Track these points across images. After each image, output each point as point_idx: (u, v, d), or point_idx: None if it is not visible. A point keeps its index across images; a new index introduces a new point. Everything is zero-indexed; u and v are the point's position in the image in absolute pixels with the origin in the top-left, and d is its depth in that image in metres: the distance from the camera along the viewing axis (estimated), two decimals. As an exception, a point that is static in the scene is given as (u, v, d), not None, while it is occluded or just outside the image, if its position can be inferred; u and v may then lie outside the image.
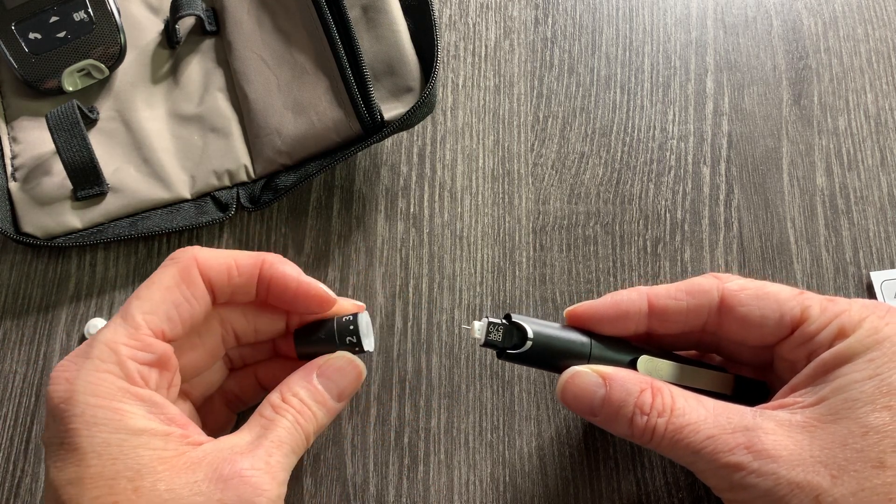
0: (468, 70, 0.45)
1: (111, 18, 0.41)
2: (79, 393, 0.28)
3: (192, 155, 0.41)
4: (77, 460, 0.27)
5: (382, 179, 0.42)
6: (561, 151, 0.43)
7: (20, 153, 0.41)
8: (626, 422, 0.29)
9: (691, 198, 0.42)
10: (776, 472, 0.27)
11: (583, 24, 0.46)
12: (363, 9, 0.40)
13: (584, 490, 0.36)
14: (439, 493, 0.36)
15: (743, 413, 0.28)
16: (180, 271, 0.31)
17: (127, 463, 0.27)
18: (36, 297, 0.40)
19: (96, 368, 0.28)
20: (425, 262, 0.41)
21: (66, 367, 0.29)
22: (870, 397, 0.27)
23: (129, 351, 0.29)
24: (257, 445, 0.29)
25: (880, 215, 0.41)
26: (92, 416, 0.27)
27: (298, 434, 0.30)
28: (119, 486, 0.26)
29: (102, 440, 0.27)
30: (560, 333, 0.31)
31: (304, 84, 0.40)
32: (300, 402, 0.30)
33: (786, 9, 0.46)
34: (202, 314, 0.31)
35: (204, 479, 0.27)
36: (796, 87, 0.44)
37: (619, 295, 0.32)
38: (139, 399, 0.28)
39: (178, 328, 0.30)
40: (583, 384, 0.30)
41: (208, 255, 0.31)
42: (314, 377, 0.31)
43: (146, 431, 0.28)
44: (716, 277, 0.32)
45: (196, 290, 0.31)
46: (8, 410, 0.38)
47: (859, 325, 0.29)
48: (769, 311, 0.30)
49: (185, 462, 0.27)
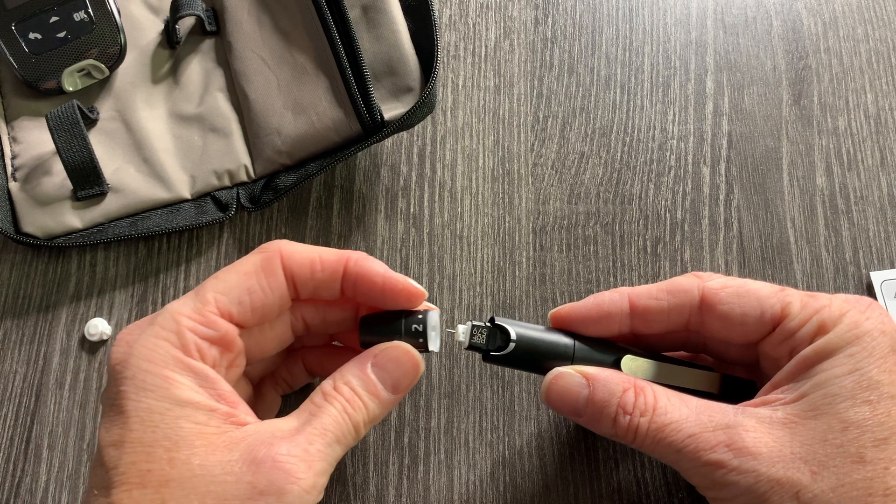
0: (468, 70, 0.45)
1: (111, 18, 0.41)
2: (134, 356, 0.28)
3: (192, 155, 0.41)
4: (122, 423, 0.27)
5: (382, 179, 0.42)
6: (561, 151, 0.43)
7: (20, 153, 0.41)
8: (609, 422, 0.30)
9: (691, 198, 0.42)
10: (756, 469, 0.27)
11: (583, 24, 0.46)
12: (363, 9, 0.40)
13: (584, 490, 0.36)
14: (439, 493, 0.36)
15: (724, 411, 0.28)
16: (262, 260, 0.30)
17: (166, 432, 0.27)
18: (36, 297, 0.40)
19: (155, 335, 0.28)
20: (425, 262, 0.41)
21: (130, 331, 0.29)
22: (850, 392, 0.27)
23: (191, 323, 0.29)
24: (299, 432, 0.28)
25: (880, 215, 0.41)
26: (142, 381, 0.27)
27: (346, 424, 0.29)
28: (156, 454, 0.26)
29: (147, 406, 0.27)
30: (543, 335, 0.32)
31: (304, 84, 0.40)
32: (351, 391, 0.29)
33: (786, 9, 0.46)
34: (276, 305, 0.31)
35: (238, 459, 0.27)
36: (796, 87, 0.44)
37: (601, 296, 0.32)
38: (191, 371, 0.28)
39: (247, 313, 0.30)
40: (566, 385, 0.30)
41: (293, 248, 0.31)
42: (368, 366, 0.30)
43: (191, 403, 0.27)
44: (696, 276, 0.32)
45: (274, 280, 0.30)
46: (8, 410, 0.38)
47: (839, 320, 0.29)
48: (749, 308, 0.30)
49: (225, 440, 0.27)
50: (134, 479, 0.26)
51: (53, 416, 0.38)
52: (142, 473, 0.26)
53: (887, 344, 0.28)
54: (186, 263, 0.41)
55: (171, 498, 0.26)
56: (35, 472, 0.37)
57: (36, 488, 0.36)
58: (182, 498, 0.26)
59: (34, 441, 0.37)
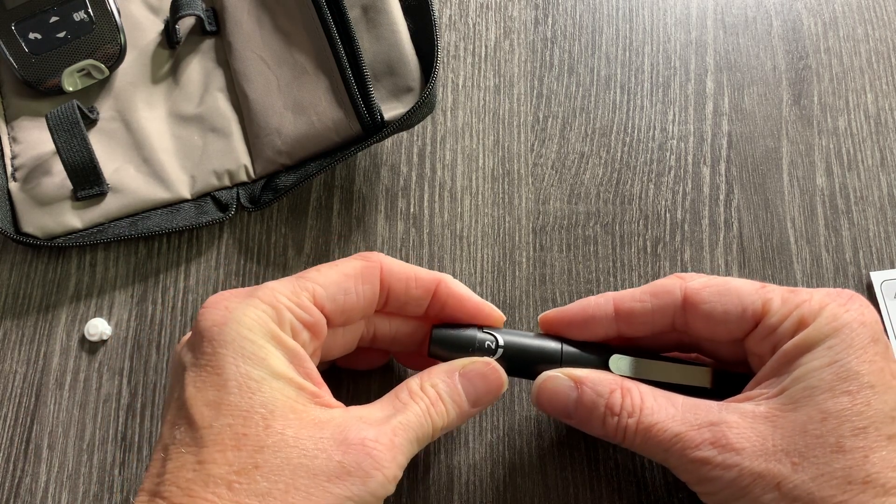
0: (468, 70, 0.45)
1: (111, 18, 0.41)
2: (233, 321, 0.28)
3: (192, 155, 0.41)
4: (218, 385, 0.27)
5: (382, 179, 0.42)
6: (561, 151, 0.43)
7: (20, 153, 0.41)
8: (598, 423, 0.30)
9: (691, 198, 0.42)
10: (739, 463, 0.27)
11: (583, 24, 0.46)
12: (363, 9, 0.40)
13: (584, 490, 0.36)
14: (439, 493, 0.36)
15: (710, 408, 0.29)
16: (364, 267, 0.31)
17: (263, 400, 0.27)
18: (36, 297, 0.40)
19: (255, 306, 0.29)
20: (425, 262, 0.41)
21: (227, 297, 0.30)
22: (829, 384, 0.28)
23: (289, 303, 0.29)
24: (384, 422, 0.29)
25: (880, 215, 0.41)
26: (241, 347, 0.28)
27: (427, 424, 0.29)
28: (252, 419, 0.27)
29: (245, 372, 0.27)
30: (531, 340, 0.32)
31: (304, 84, 0.40)
32: (437, 394, 0.30)
33: (786, 9, 0.46)
34: (362, 312, 0.32)
35: (330, 437, 0.27)
36: (796, 88, 0.44)
37: (587, 300, 0.33)
38: (284, 346, 0.29)
39: (337, 312, 0.31)
40: (555, 388, 0.31)
41: (392, 263, 0.32)
42: (457, 376, 0.31)
43: (284, 377, 0.28)
44: (679, 277, 0.32)
45: (369, 288, 0.31)
46: (8, 410, 0.38)
47: (819, 313, 0.29)
48: (731, 306, 0.31)
49: (313, 419, 0.28)
50: (229, 440, 0.26)
51: (53, 416, 0.38)
52: (237, 436, 0.26)
53: (867, 335, 0.28)
54: (186, 263, 0.41)
55: (264, 464, 0.26)
56: (35, 472, 0.37)
57: (36, 488, 0.36)
58: (275, 466, 0.26)
59: (34, 441, 0.37)
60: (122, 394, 0.38)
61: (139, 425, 0.37)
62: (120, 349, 0.39)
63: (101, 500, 0.36)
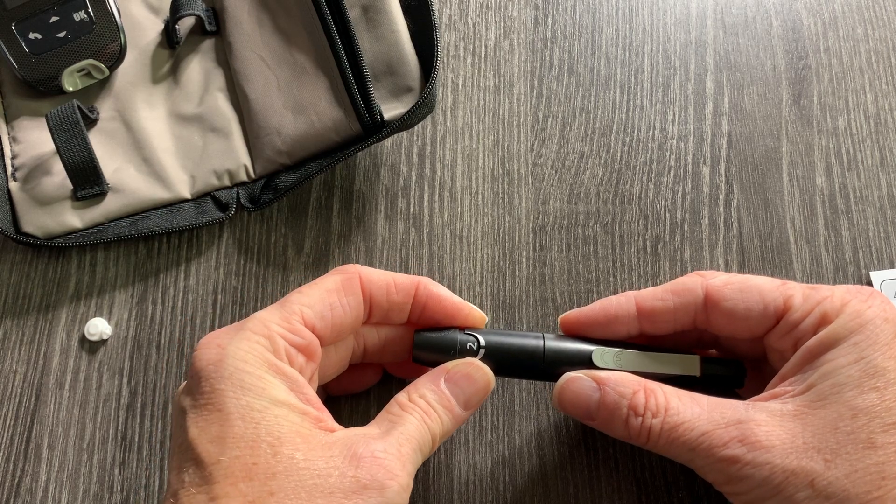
0: (468, 70, 0.45)
1: (111, 18, 0.42)
2: (229, 357, 0.28)
3: (192, 155, 0.41)
4: (221, 420, 0.27)
5: (382, 179, 0.42)
6: (561, 151, 0.43)
7: (20, 153, 0.41)
8: (622, 424, 0.30)
9: (691, 198, 0.42)
10: (770, 461, 0.27)
11: (583, 24, 0.46)
12: (363, 9, 0.40)
13: (584, 490, 0.36)
14: (439, 493, 0.36)
15: (735, 407, 0.29)
16: (343, 280, 0.32)
17: (268, 428, 0.27)
18: (36, 297, 0.40)
19: (248, 339, 0.29)
20: (425, 262, 0.41)
21: (218, 335, 0.30)
22: (856, 381, 0.28)
23: (281, 329, 0.29)
24: (388, 434, 0.29)
25: (880, 215, 0.42)
26: (239, 381, 0.28)
27: (425, 432, 0.30)
28: (260, 448, 0.27)
29: (246, 403, 0.27)
30: (513, 339, 0.32)
31: (304, 84, 0.40)
32: (427, 403, 0.30)
33: (785, 9, 0.46)
34: (351, 324, 0.32)
35: (339, 455, 0.27)
36: (796, 87, 0.44)
37: (608, 300, 0.33)
38: (283, 374, 0.29)
39: (327, 329, 0.31)
40: (577, 389, 0.31)
41: (370, 271, 0.32)
42: (441, 381, 0.31)
43: (286, 404, 0.28)
44: (700, 275, 0.32)
45: (353, 299, 0.31)
46: (8, 410, 0.38)
47: (842, 309, 0.29)
48: (753, 303, 0.31)
49: (320, 441, 0.28)
50: (239, 472, 0.26)
51: (53, 416, 0.38)
52: (247, 467, 0.26)
53: (891, 331, 0.29)
54: (186, 263, 0.41)
55: (279, 490, 0.26)
56: (35, 472, 0.37)
57: (36, 488, 0.36)
58: (290, 490, 0.26)
59: (34, 441, 0.37)
60: (122, 393, 0.38)
61: (139, 425, 0.37)
62: (120, 349, 0.39)
63: (101, 500, 0.36)
